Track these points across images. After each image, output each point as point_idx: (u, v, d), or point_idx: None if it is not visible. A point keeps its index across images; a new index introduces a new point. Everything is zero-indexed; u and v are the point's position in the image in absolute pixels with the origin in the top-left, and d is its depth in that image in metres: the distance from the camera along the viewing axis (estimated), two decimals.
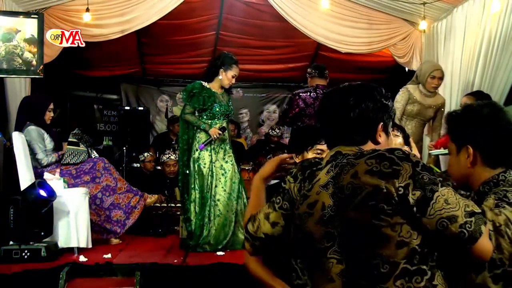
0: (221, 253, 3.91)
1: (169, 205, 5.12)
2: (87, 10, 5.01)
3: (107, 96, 8.08)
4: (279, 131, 6.86)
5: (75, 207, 3.78)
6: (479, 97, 3.94)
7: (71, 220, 3.75)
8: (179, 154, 4.30)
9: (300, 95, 4.54)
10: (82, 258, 3.54)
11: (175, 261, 3.56)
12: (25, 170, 3.78)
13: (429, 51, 5.56)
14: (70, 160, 4.44)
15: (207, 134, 4.06)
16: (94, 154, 5.07)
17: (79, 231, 3.75)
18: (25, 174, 3.75)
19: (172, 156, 5.58)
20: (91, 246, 3.83)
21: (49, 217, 3.63)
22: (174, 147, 5.92)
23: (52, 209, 3.64)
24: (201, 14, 6.22)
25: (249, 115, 8.43)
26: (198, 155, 4.09)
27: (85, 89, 7.77)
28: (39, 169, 4.00)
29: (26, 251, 3.41)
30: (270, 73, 7.82)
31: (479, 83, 4.61)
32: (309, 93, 4.52)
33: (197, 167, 4.09)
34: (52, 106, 4.18)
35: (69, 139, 4.81)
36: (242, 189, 4.20)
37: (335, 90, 1.52)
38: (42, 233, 3.55)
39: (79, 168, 4.21)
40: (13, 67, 4.43)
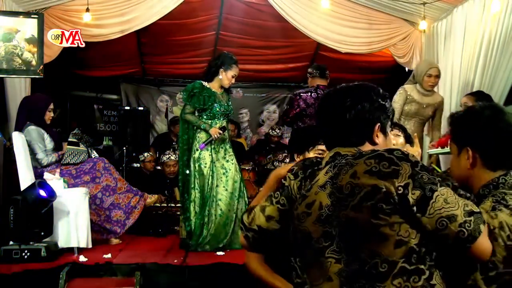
0: (221, 253, 3.91)
1: (169, 205, 5.12)
2: (87, 10, 5.01)
3: (107, 96, 8.08)
4: (279, 131, 6.86)
5: (75, 207, 3.78)
6: (479, 97, 3.94)
7: (71, 220, 3.76)
8: (179, 154, 4.30)
9: (301, 95, 4.54)
10: (82, 258, 3.54)
11: (175, 261, 3.55)
12: (25, 170, 3.78)
13: (429, 51, 5.56)
14: (70, 160, 4.45)
15: (207, 134, 4.07)
16: (94, 154, 5.08)
17: (79, 231, 3.75)
18: (25, 174, 3.75)
19: (172, 157, 5.58)
20: (91, 246, 3.83)
21: (49, 217, 3.63)
22: (174, 147, 5.92)
23: (52, 209, 3.64)
24: (201, 14, 6.22)
25: (249, 115, 8.43)
26: (198, 155, 4.10)
27: (85, 89, 7.77)
28: (39, 169, 4.00)
29: (26, 251, 3.41)
30: (270, 73, 7.82)
31: (479, 83, 4.60)
32: (310, 93, 4.53)
33: (197, 167, 4.09)
34: (52, 106, 4.18)
35: (69, 139, 4.82)
36: (243, 188, 4.21)
37: (332, 91, 1.52)
38: (42, 233, 3.55)
39: (79, 168, 4.21)
40: (13, 67, 4.43)
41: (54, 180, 3.83)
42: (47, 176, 3.88)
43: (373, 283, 1.25)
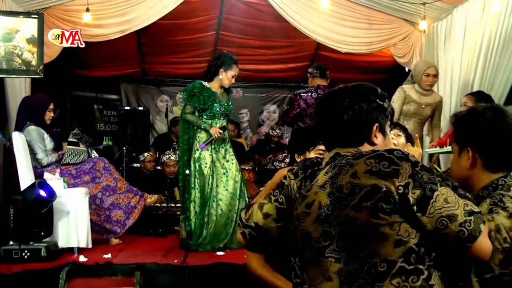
0: (221, 253, 3.91)
1: (169, 205, 5.12)
2: (87, 10, 5.01)
3: (107, 96, 8.08)
4: (279, 131, 6.87)
5: (75, 207, 3.78)
6: (479, 97, 3.95)
7: (71, 220, 3.75)
8: (180, 154, 4.30)
9: (301, 95, 4.55)
10: (82, 258, 3.54)
11: (175, 261, 3.55)
12: (25, 170, 3.78)
13: (429, 51, 5.56)
14: (70, 160, 4.44)
15: (208, 133, 4.07)
16: (94, 154, 5.08)
17: (79, 231, 3.75)
18: (25, 174, 3.75)
19: (172, 157, 5.58)
20: (91, 246, 3.82)
21: (49, 217, 3.63)
22: (174, 147, 5.92)
23: (52, 209, 3.64)
24: (201, 14, 6.22)
25: (249, 115, 8.43)
26: (199, 155, 4.10)
27: (85, 89, 7.76)
28: (39, 169, 4.00)
29: (26, 251, 3.41)
30: (270, 73, 7.82)
31: (479, 83, 4.60)
32: (310, 93, 4.53)
33: (198, 167, 4.09)
34: (52, 106, 4.17)
35: (69, 139, 4.81)
36: (244, 189, 4.21)
37: (330, 91, 1.53)
38: (42, 233, 3.54)
39: (79, 168, 4.21)
40: (13, 67, 4.43)
41: (54, 180, 3.83)
42: (47, 176, 3.88)
43: (372, 282, 1.25)
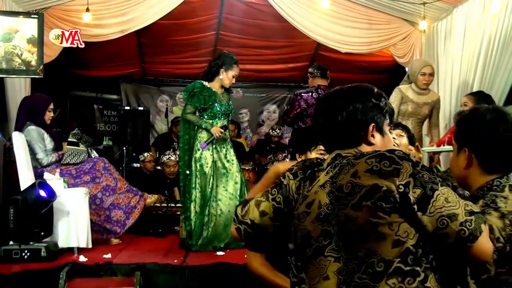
0: (221, 253, 3.91)
1: (169, 205, 5.11)
2: (87, 10, 5.01)
3: (107, 96, 8.08)
4: (279, 131, 6.87)
5: (75, 207, 3.78)
6: (479, 97, 3.94)
7: (71, 220, 3.75)
8: (180, 154, 4.30)
9: (302, 95, 4.55)
10: (82, 258, 3.54)
11: (175, 261, 3.55)
12: (25, 170, 3.78)
13: (429, 51, 5.56)
14: (70, 160, 4.44)
15: (209, 133, 4.07)
16: (94, 154, 5.08)
17: (79, 231, 3.75)
18: (25, 174, 3.75)
19: (172, 157, 5.58)
20: (91, 246, 3.82)
21: (49, 217, 3.63)
22: (174, 147, 5.92)
23: (52, 209, 3.64)
24: (201, 14, 6.22)
25: (249, 115, 8.43)
26: (200, 154, 4.10)
27: (85, 89, 7.77)
28: (39, 169, 4.00)
29: (26, 251, 3.41)
30: (270, 73, 7.82)
31: (479, 83, 4.60)
32: (310, 93, 4.54)
33: (199, 167, 4.09)
34: (52, 106, 4.17)
35: (69, 139, 4.81)
36: (244, 189, 4.20)
37: (326, 94, 1.54)
38: (42, 233, 3.55)
39: (79, 168, 4.21)
40: (12, 67, 4.43)
41: (54, 180, 3.83)
42: (47, 176, 3.88)
43: (368, 282, 1.25)
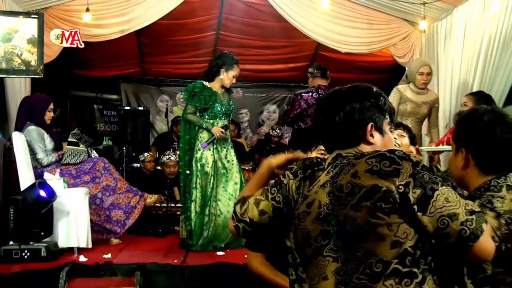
0: (221, 253, 3.91)
1: (169, 205, 5.11)
2: (87, 10, 5.01)
3: (107, 96, 8.08)
4: (279, 131, 6.88)
5: (75, 207, 3.78)
6: (480, 97, 3.94)
7: (71, 220, 3.75)
8: (180, 154, 4.30)
9: (302, 95, 4.56)
10: (82, 258, 3.54)
11: (175, 261, 3.55)
12: (25, 170, 3.78)
13: (429, 51, 5.56)
14: (70, 160, 4.44)
15: (209, 133, 4.07)
16: (94, 154, 5.07)
17: (79, 231, 3.75)
18: (25, 174, 3.75)
19: (172, 157, 5.58)
20: (91, 246, 3.82)
21: (49, 217, 3.63)
22: (174, 147, 5.92)
23: (52, 209, 3.64)
24: (201, 14, 6.22)
25: (249, 115, 8.43)
26: (201, 154, 4.10)
27: (85, 89, 7.76)
28: (39, 169, 4.00)
29: (26, 251, 3.41)
30: (270, 73, 7.82)
31: (479, 83, 4.60)
32: (311, 93, 4.54)
33: (200, 167, 4.09)
34: (52, 106, 4.18)
35: (69, 139, 4.81)
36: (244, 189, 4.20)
37: (326, 94, 1.54)
38: (42, 233, 3.55)
39: (79, 168, 4.21)
40: (12, 67, 4.43)
41: (54, 180, 3.83)
42: (47, 176, 3.88)
43: (366, 282, 1.25)
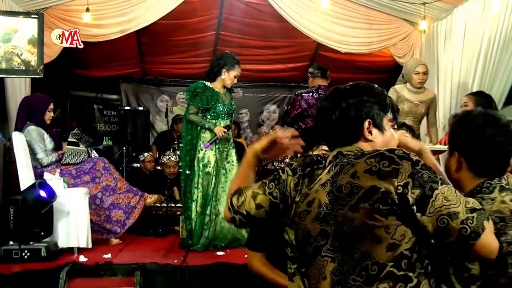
0: (221, 253, 3.91)
1: (169, 205, 5.11)
2: (87, 10, 5.01)
3: (107, 96, 8.08)
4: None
5: (75, 207, 3.78)
6: (480, 97, 3.94)
7: (71, 220, 3.75)
8: (182, 154, 4.29)
9: (303, 95, 4.56)
10: (82, 258, 3.54)
11: (175, 261, 3.55)
12: (25, 170, 3.78)
13: (429, 51, 5.56)
14: (70, 160, 4.44)
15: (212, 133, 4.07)
16: (94, 154, 5.07)
17: (79, 231, 3.75)
18: (25, 174, 3.75)
19: (172, 158, 5.57)
20: (91, 246, 3.82)
21: (49, 217, 3.63)
22: (174, 147, 5.91)
23: (52, 209, 3.64)
24: (201, 14, 6.22)
25: (249, 115, 8.43)
26: (203, 154, 4.10)
27: (85, 89, 7.77)
28: (39, 169, 4.00)
29: (26, 251, 3.41)
30: (270, 73, 7.82)
31: (479, 83, 4.60)
32: (311, 93, 4.54)
33: (202, 166, 4.09)
34: (52, 106, 4.18)
35: (69, 139, 4.81)
36: None
37: (327, 93, 1.55)
38: (42, 233, 3.55)
39: (79, 168, 4.21)
40: (12, 67, 4.43)
41: (54, 180, 3.83)
42: (47, 176, 3.88)
43: (361, 285, 1.24)
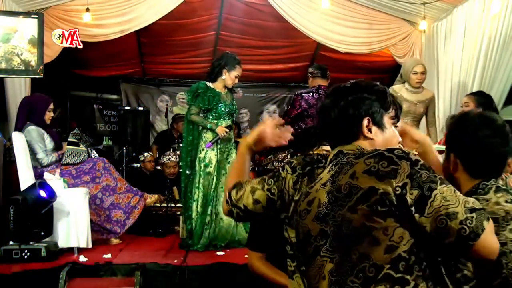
0: (221, 253, 3.91)
1: (169, 205, 5.11)
2: (87, 10, 5.01)
3: (107, 96, 8.08)
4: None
5: (75, 207, 3.78)
6: (480, 97, 3.94)
7: (71, 220, 3.76)
8: (182, 154, 4.29)
9: (303, 95, 4.55)
10: (82, 258, 3.54)
11: (175, 261, 3.55)
12: (25, 170, 3.78)
13: (429, 51, 5.56)
14: (70, 160, 4.44)
15: (213, 133, 4.07)
16: (94, 154, 5.07)
17: (79, 231, 3.75)
18: (25, 174, 3.75)
19: (173, 158, 5.57)
20: (91, 246, 3.82)
21: (49, 217, 3.63)
22: (174, 148, 5.91)
23: (52, 209, 3.64)
24: (201, 14, 6.22)
25: (249, 115, 8.43)
26: (204, 154, 4.10)
27: (85, 89, 7.77)
28: (39, 169, 4.00)
29: (26, 251, 3.41)
30: (270, 73, 7.82)
31: (479, 83, 4.60)
32: (311, 93, 4.54)
33: (203, 166, 4.09)
34: (52, 106, 4.18)
35: (69, 139, 4.81)
36: None
37: (326, 93, 1.54)
38: (42, 233, 3.55)
39: (79, 168, 4.21)
40: (12, 67, 4.43)
41: (54, 180, 3.83)
42: (47, 176, 3.88)
43: (359, 286, 1.24)
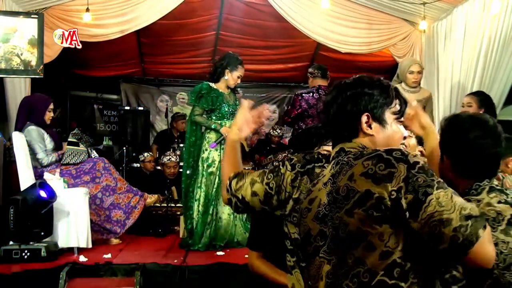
0: (221, 253, 3.91)
1: (169, 205, 5.12)
2: (87, 10, 5.01)
3: (107, 96, 8.08)
4: (280, 131, 6.87)
5: (75, 207, 3.78)
6: (481, 97, 3.94)
7: (71, 220, 3.76)
8: (185, 155, 4.29)
9: (303, 95, 4.55)
10: (82, 258, 3.54)
11: (175, 261, 3.56)
12: (25, 170, 3.78)
13: (429, 51, 5.56)
14: (70, 160, 4.44)
15: (217, 133, 4.07)
16: (94, 154, 5.07)
17: (79, 231, 3.75)
18: (25, 174, 3.76)
19: (173, 158, 5.57)
20: (91, 246, 3.83)
21: (49, 217, 3.63)
22: (174, 148, 5.90)
23: (52, 209, 3.64)
24: (201, 14, 6.21)
25: None
26: (207, 154, 4.11)
27: (85, 89, 7.77)
28: (39, 169, 4.00)
29: (26, 251, 3.41)
30: (270, 73, 7.82)
31: (479, 83, 4.60)
32: (311, 94, 4.54)
33: (206, 166, 4.09)
34: (52, 106, 4.18)
35: (69, 139, 4.82)
36: None
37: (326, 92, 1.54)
38: (42, 233, 3.55)
39: (79, 168, 4.21)
40: (12, 67, 4.42)
41: (54, 180, 3.83)
42: (47, 176, 3.88)
43: None
